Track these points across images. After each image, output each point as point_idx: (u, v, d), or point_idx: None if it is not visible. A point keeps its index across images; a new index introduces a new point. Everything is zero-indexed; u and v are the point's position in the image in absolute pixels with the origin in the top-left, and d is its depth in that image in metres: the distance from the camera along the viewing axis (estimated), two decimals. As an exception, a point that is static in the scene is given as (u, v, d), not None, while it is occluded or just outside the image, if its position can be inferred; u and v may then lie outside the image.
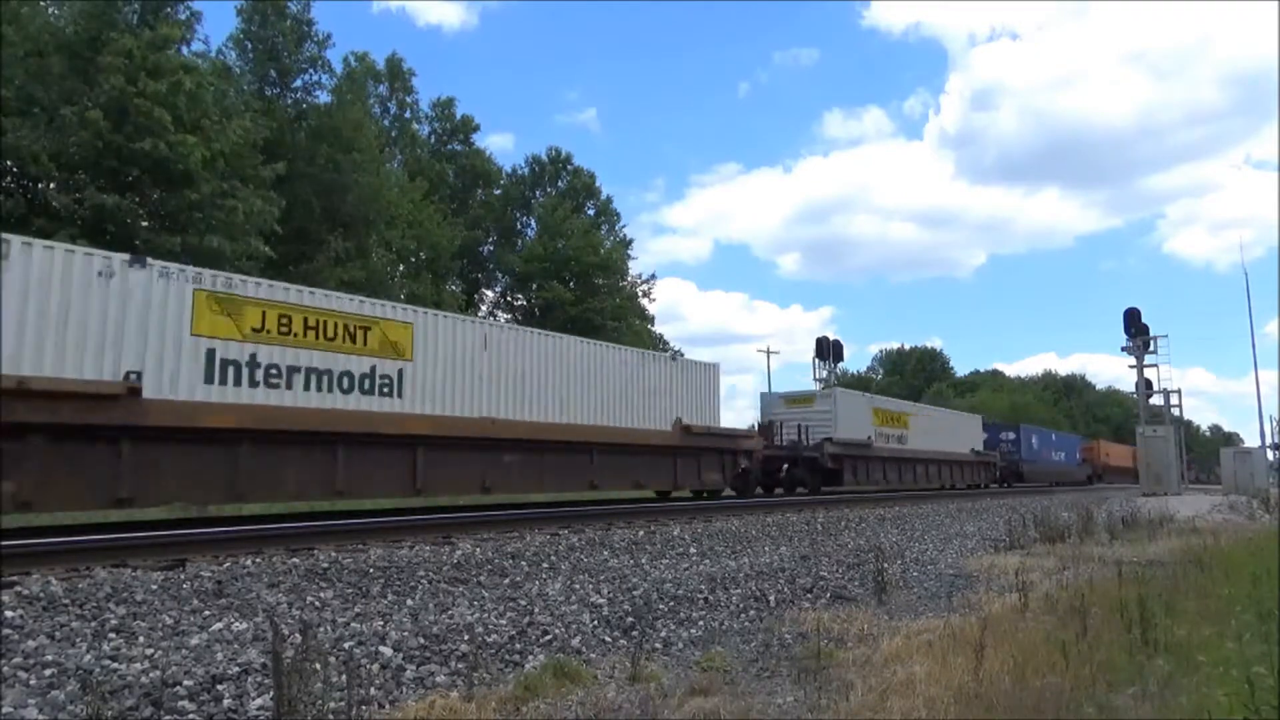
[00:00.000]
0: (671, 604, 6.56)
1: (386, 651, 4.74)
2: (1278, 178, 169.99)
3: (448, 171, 44.12)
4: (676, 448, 18.50)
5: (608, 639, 5.55)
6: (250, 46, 28.58)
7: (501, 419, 14.52)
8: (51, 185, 20.55)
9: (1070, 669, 4.22)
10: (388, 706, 4.12)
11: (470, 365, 14.24)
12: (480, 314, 42.92)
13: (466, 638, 5.11)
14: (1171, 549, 10.56)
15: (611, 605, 6.28)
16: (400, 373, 13.05)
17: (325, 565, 7.41)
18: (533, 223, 47.84)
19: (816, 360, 42.88)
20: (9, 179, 20.45)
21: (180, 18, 23.11)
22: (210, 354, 10.87)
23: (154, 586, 6.19)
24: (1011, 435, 42.35)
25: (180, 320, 10.62)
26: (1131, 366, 37.68)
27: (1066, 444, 51.33)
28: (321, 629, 5.09)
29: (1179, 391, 39.32)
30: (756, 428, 24.41)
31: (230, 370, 11.02)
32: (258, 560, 7.60)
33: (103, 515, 12.09)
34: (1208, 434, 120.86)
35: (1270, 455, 40.48)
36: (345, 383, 12.31)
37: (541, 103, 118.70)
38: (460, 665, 4.70)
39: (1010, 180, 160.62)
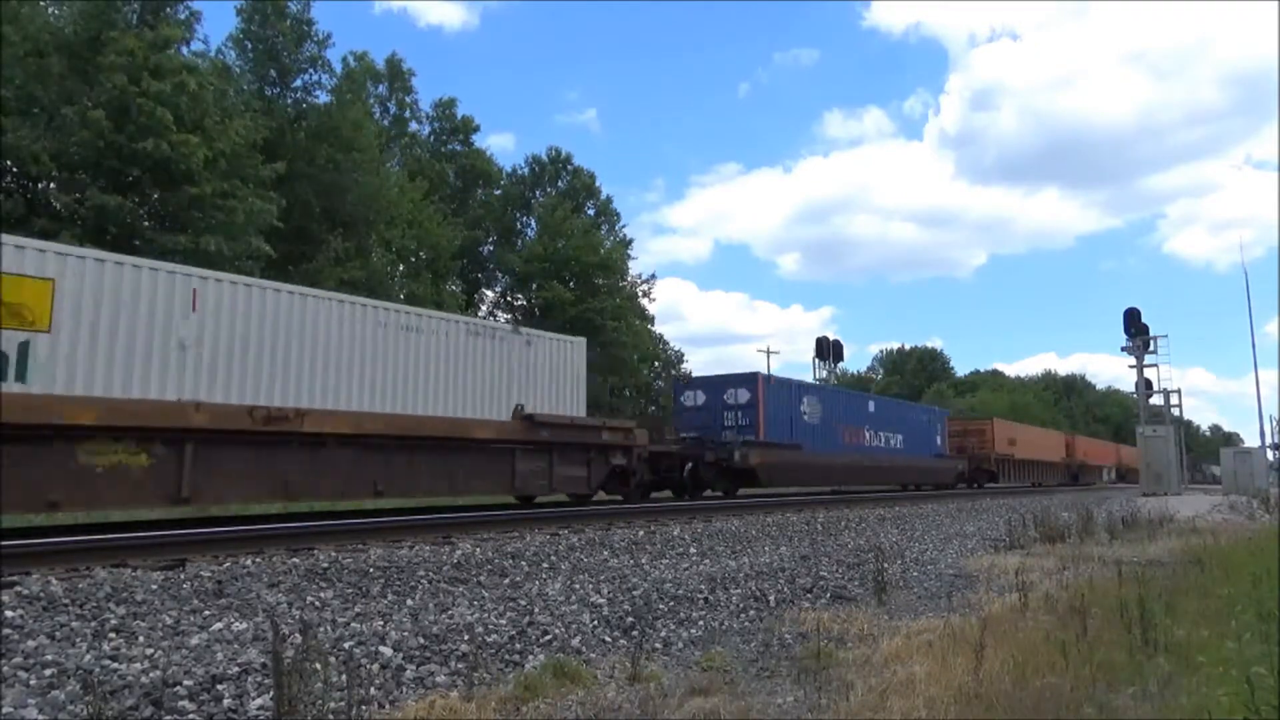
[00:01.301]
0: (671, 604, 6.56)
1: (386, 651, 4.74)
2: (1278, 178, 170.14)
3: (448, 171, 44.10)
4: None
5: (608, 639, 5.55)
6: (250, 46, 28.56)
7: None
8: (52, 185, 20.55)
9: (1070, 669, 4.22)
10: (388, 706, 4.12)
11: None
12: (480, 314, 42.96)
13: (466, 638, 5.11)
14: (1171, 549, 10.56)
15: (611, 605, 6.28)
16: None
17: (325, 565, 7.41)
18: (533, 223, 47.81)
19: (816, 360, 42.89)
20: (9, 179, 20.44)
21: (180, 18, 23.11)
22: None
23: (154, 586, 6.19)
24: (744, 395, 21.52)
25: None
26: (1131, 366, 37.69)
27: (908, 423, 30.02)
28: (321, 629, 5.09)
29: (1179, 391, 39.34)
30: None
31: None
32: (258, 560, 7.60)
33: (103, 515, 12.10)
34: (1208, 434, 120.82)
35: (1270, 455, 40.44)
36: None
37: (541, 103, 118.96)
38: (460, 665, 4.70)
39: (1010, 180, 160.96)
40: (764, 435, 21.22)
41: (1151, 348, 37.19)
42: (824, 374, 42.25)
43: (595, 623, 5.82)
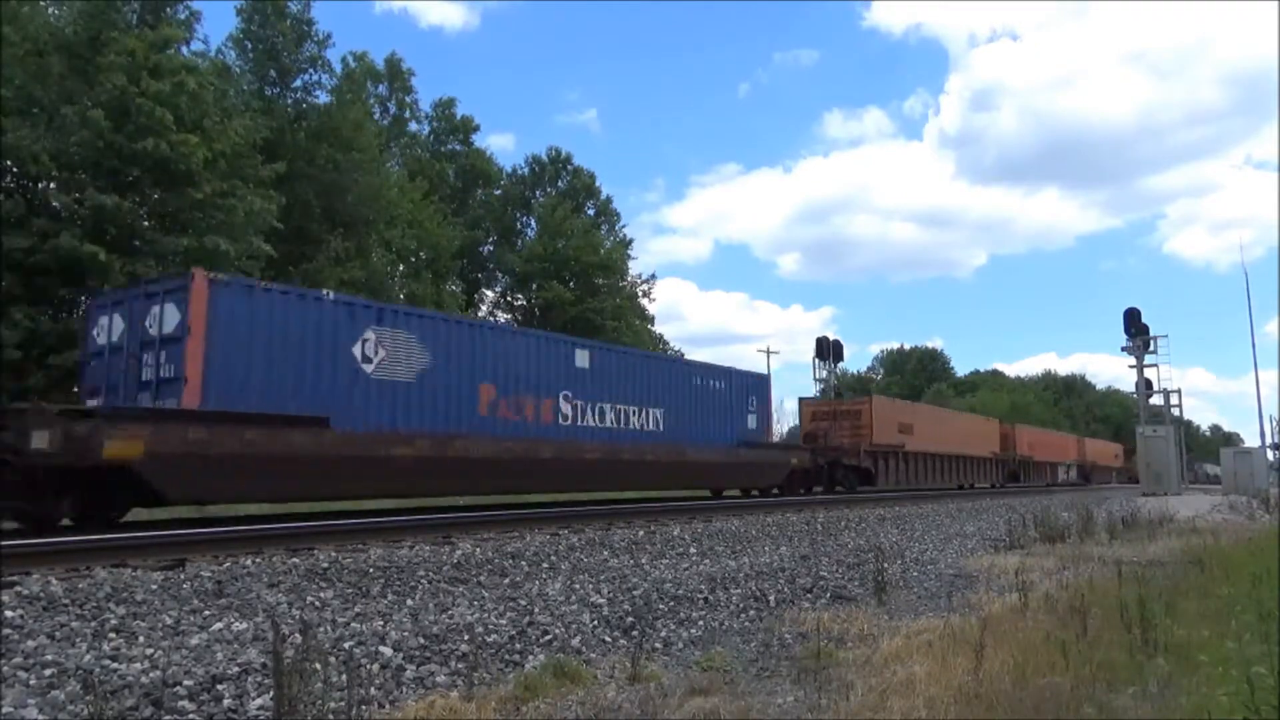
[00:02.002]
0: (671, 604, 6.57)
1: (386, 651, 4.74)
2: (1278, 178, 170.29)
3: (448, 171, 44.12)
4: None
5: (608, 639, 5.55)
6: (250, 46, 28.57)
7: None
8: (52, 185, 20.55)
9: (1070, 669, 4.22)
10: (388, 706, 4.12)
11: None
12: (480, 314, 43.00)
13: (466, 638, 5.11)
14: (1171, 549, 10.56)
15: (611, 605, 6.28)
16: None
17: (325, 565, 7.41)
18: (533, 223, 47.85)
19: (816, 360, 42.89)
20: (9, 179, 20.43)
21: (180, 18, 23.11)
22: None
23: (154, 586, 6.19)
24: (171, 318, 11.17)
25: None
26: (1131, 366, 37.68)
27: (674, 391, 19.21)
28: (321, 629, 5.09)
29: (1179, 391, 39.29)
30: None
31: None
32: (258, 560, 7.60)
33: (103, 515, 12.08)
34: (1208, 434, 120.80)
35: (1270, 455, 40.43)
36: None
37: (541, 103, 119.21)
38: (460, 665, 4.70)
39: (1010, 180, 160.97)
40: (205, 396, 11.06)
41: (1151, 348, 37.19)
42: (824, 374, 42.20)
43: (595, 623, 5.82)
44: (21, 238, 18.32)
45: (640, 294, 49.16)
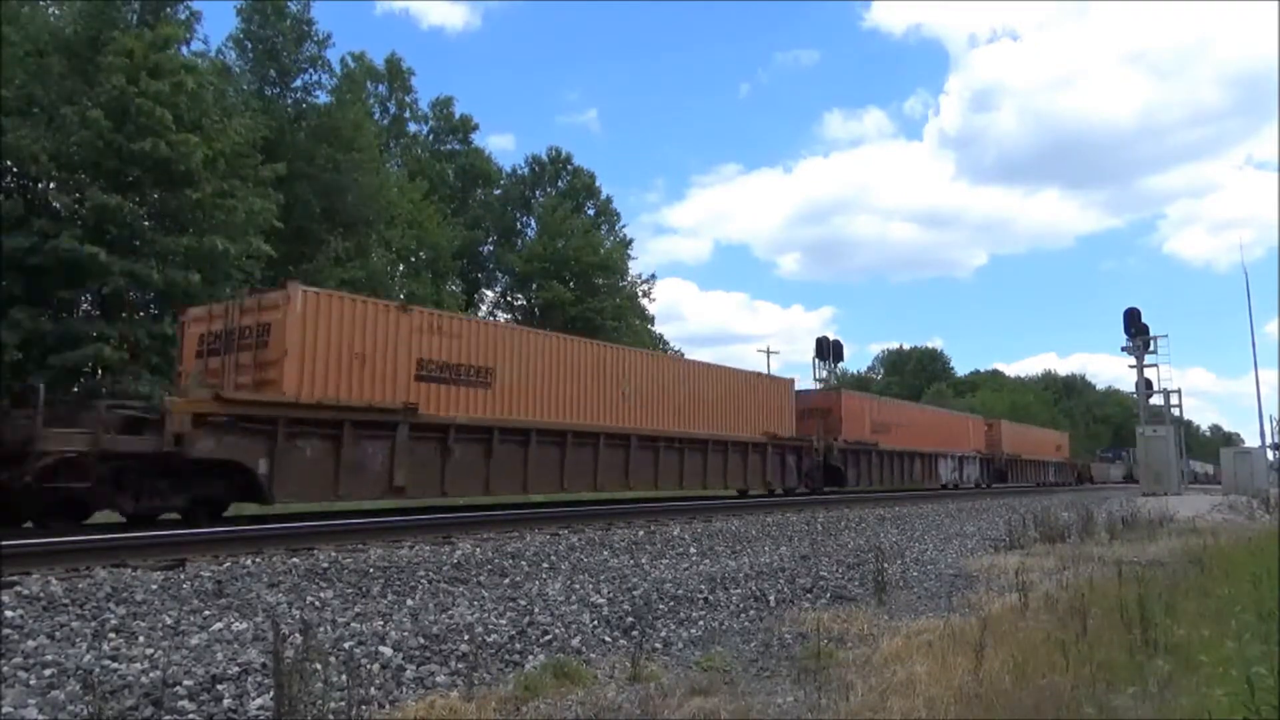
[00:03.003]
0: (671, 604, 6.56)
1: (386, 651, 4.74)
2: (1278, 178, 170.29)
3: (447, 171, 44.12)
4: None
5: (608, 639, 5.55)
6: (250, 46, 28.57)
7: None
8: (52, 185, 20.54)
9: (1070, 669, 4.22)
10: (388, 706, 4.12)
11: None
12: (480, 314, 42.98)
13: (466, 638, 5.11)
14: (1171, 549, 10.55)
15: (611, 605, 6.28)
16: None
17: (325, 565, 7.41)
18: (533, 223, 47.85)
19: (816, 360, 42.87)
20: (9, 179, 20.43)
21: (180, 18, 23.11)
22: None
23: (154, 586, 6.19)
24: None
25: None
26: (1131, 366, 37.62)
27: None
28: (321, 629, 5.09)
29: (1179, 391, 39.18)
30: None
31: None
32: (258, 560, 7.59)
33: (105, 516, 12.08)
34: (1208, 434, 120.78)
35: (1270, 455, 40.40)
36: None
37: (542, 103, 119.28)
38: (460, 665, 4.70)
39: (1010, 180, 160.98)
40: None
41: (1151, 348, 37.13)
42: (824, 374, 42.20)
43: (595, 623, 5.81)
44: (21, 238, 18.32)
45: (640, 294, 49.17)
